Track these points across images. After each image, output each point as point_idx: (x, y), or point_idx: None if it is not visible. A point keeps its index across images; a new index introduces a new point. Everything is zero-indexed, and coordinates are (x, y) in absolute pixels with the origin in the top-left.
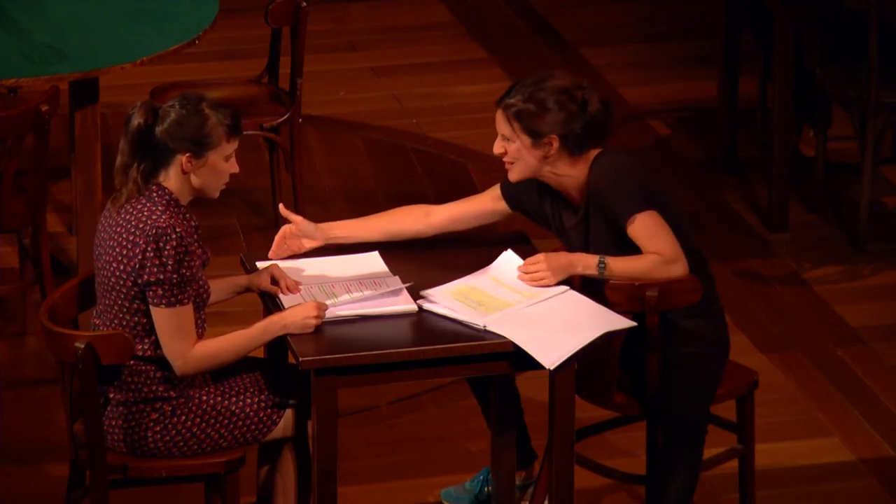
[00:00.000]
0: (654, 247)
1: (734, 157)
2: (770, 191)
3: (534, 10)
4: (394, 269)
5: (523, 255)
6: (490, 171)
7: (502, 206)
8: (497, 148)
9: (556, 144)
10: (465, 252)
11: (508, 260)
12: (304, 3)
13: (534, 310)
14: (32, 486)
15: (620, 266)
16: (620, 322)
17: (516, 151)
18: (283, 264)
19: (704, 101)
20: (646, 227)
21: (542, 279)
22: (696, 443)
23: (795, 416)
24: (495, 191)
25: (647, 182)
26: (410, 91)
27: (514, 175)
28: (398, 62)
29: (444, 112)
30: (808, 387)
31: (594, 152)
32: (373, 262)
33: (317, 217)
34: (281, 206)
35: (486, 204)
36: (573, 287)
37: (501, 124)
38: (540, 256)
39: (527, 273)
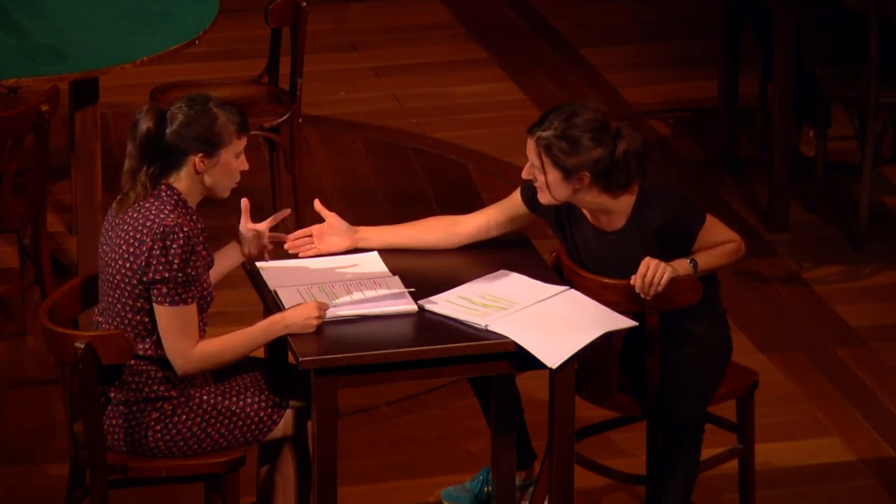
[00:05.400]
0: (722, 238)
1: (734, 157)
2: (770, 191)
3: (534, 10)
4: (393, 269)
5: (523, 260)
6: (490, 171)
7: (524, 210)
8: (526, 174)
9: (586, 180)
10: (464, 252)
11: (503, 274)
12: (304, 3)
13: (535, 310)
14: (32, 486)
15: (705, 260)
16: (621, 322)
17: (543, 182)
18: (282, 264)
19: (704, 101)
20: (712, 230)
21: (663, 273)
22: (694, 443)
23: (795, 416)
24: (515, 197)
25: (687, 196)
26: (410, 91)
27: (544, 199)
28: (398, 62)
29: (444, 112)
30: (808, 387)
31: (631, 188)
32: (373, 262)
33: (316, 218)
34: (316, 201)
35: (509, 211)
36: (573, 287)
37: (532, 153)
38: (646, 261)
39: (647, 279)
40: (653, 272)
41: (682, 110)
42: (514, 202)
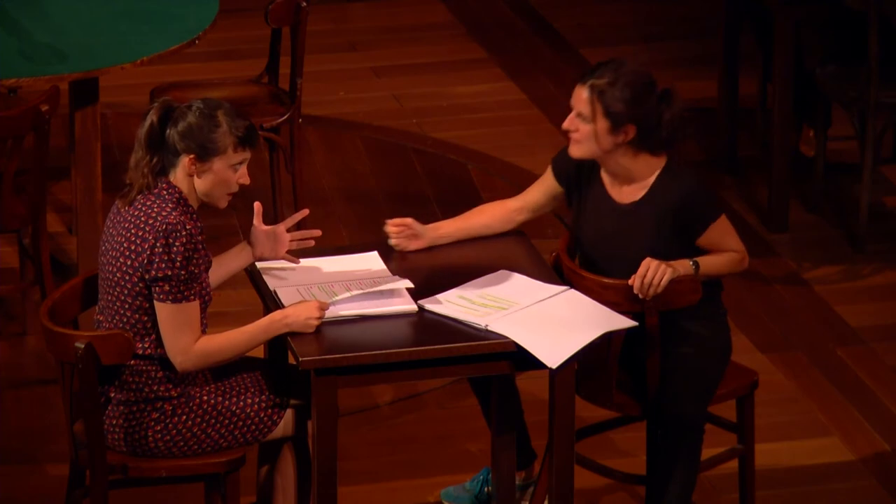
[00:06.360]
0: (729, 245)
1: (734, 157)
2: (770, 191)
3: (534, 10)
4: (393, 269)
5: (523, 260)
6: (490, 171)
7: (557, 186)
8: (568, 123)
9: (631, 134)
10: (464, 252)
11: (503, 274)
12: (304, 3)
13: (534, 310)
14: (32, 486)
15: (707, 265)
16: (621, 322)
17: (587, 132)
18: (282, 264)
19: (704, 101)
20: (720, 234)
21: (663, 274)
22: (694, 442)
23: (795, 416)
24: (549, 173)
25: (710, 187)
26: (410, 91)
27: (576, 151)
28: (398, 62)
29: (444, 112)
30: (808, 387)
31: (660, 158)
32: (373, 262)
33: (316, 218)
34: (404, 221)
35: (546, 188)
36: (573, 287)
37: (581, 102)
38: (647, 262)
39: (646, 279)
40: (653, 273)
41: (683, 110)
42: (548, 179)
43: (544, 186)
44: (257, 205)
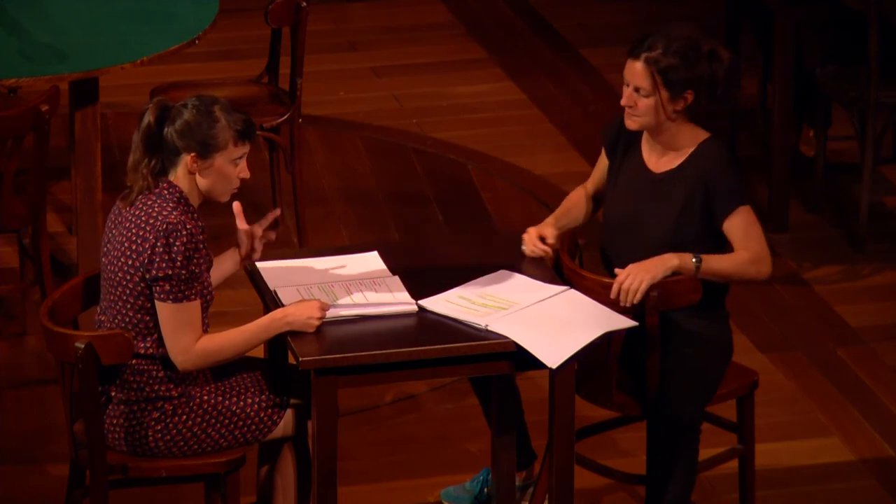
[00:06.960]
0: (747, 245)
1: (734, 157)
2: (770, 191)
3: (534, 10)
4: (393, 269)
5: (523, 260)
6: (490, 171)
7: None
8: (626, 100)
9: (690, 98)
10: (464, 252)
11: (503, 274)
12: (304, 3)
13: (535, 309)
14: (32, 486)
15: (713, 263)
16: (621, 322)
17: (647, 105)
18: (282, 264)
19: None
20: (744, 223)
21: (641, 282)
22: (691, 443)
23: (795, 416)
24: (602, 153)
25: (745, 177)
26: (410, 91)
27: (635, 124)
28: (398, 62)
29: (444, 112)
30: (808, 387)
31: (705, 132)
32: (372, 262)
33: (316, 218)
34: (547, 243)
35: (604, 167)
36: (573, 287)
37: (639, 77)
38: (629, 268)
39: (624, 286)
40: (631, 279)
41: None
42: (603, 159)
43: (603, 166)
44: (236, 206)
